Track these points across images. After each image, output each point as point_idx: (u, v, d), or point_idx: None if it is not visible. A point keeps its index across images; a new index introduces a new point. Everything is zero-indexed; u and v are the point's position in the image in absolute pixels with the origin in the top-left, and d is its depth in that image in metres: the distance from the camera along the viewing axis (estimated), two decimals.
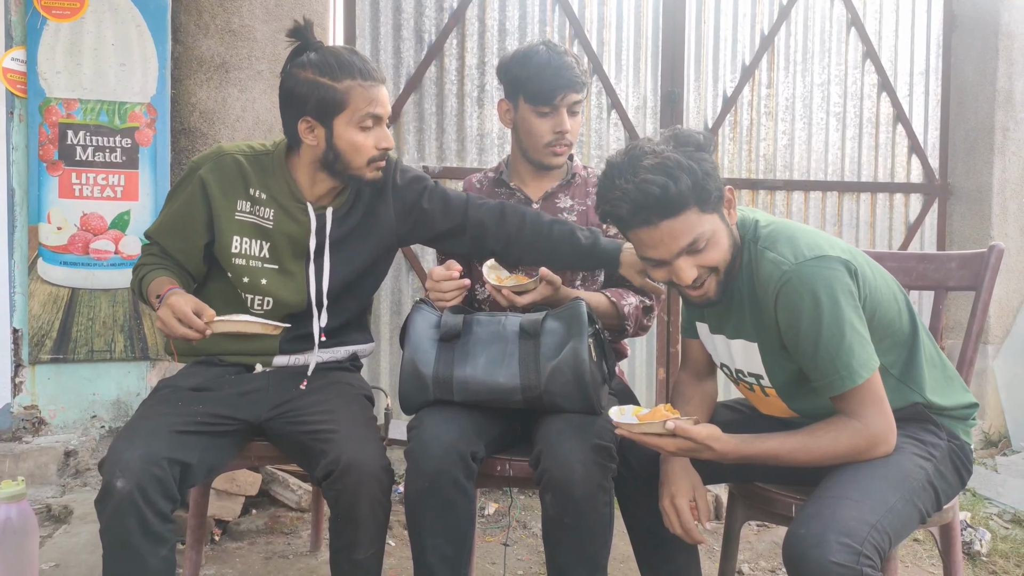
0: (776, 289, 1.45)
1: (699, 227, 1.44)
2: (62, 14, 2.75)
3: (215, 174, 1.77)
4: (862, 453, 1.44)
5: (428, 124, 3.29)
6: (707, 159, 1.44)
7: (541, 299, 1.74)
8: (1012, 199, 3.82)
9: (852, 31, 3.81)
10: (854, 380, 1.43)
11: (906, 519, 1.42)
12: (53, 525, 2.48)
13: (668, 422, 1.41)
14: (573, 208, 1.98)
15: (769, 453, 1.46)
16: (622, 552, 2.56)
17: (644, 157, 1.42)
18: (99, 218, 2.79)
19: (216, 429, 1.67)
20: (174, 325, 1.60)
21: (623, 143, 3.49)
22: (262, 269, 1.78)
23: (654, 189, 1.39)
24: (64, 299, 2.79)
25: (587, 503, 1.56)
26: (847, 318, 1.42)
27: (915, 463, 1.48)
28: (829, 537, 1.30)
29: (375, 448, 1.63)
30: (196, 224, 1.78)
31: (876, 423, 1.44)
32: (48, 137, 2.74)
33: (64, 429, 2.83)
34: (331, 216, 1.80)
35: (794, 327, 1.45)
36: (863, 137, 3.85)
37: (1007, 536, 2.73)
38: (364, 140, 1.71)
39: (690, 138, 1.45)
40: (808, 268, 1.43)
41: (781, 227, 1.53)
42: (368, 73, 1.70)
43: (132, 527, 1.49)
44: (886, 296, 1.54)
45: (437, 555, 1.61)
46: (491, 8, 3.33)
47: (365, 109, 1.69)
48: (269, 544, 2.53)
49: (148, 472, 1.50)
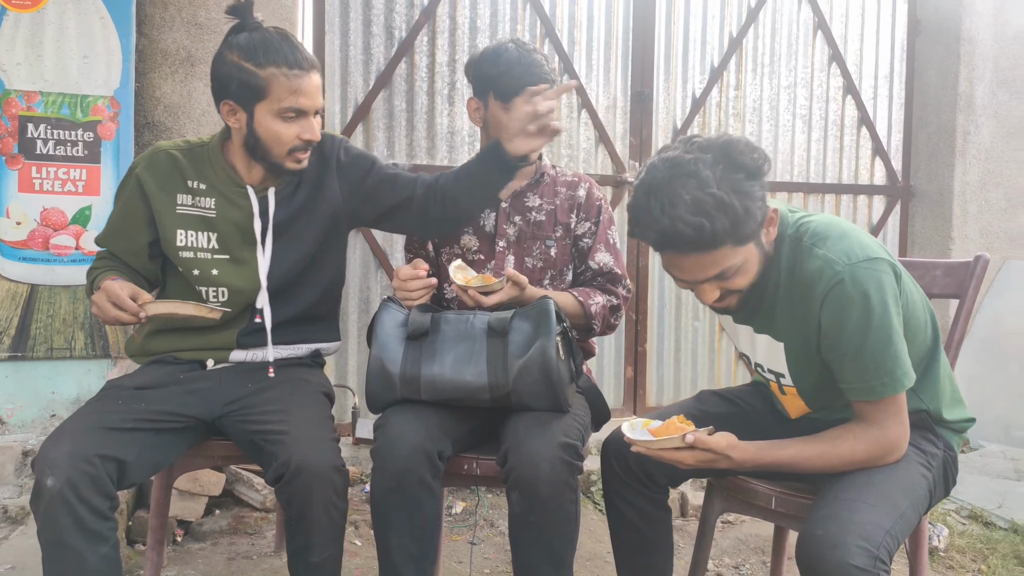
0: (826, 289, 1.41)
1: (730, 260, 1.39)
2: (22, 4, 2.68)
3: (150, 171, 1.77)
4: (877, 460, 1.45)
5: (398, 121, 3.27)
6: (755, 190, 1.36)
7: (508, 299, 1.74)
8: (972, 201, 3.90)
9: (819, 34, 3.86)
10: (895, 388, 1.42)
11: (910, 525, 1.43)
12: (10, 526, 2.43)
13: (688, 435, 1.40)
14: (542, 207, 1.98)
15: (786, 461, 1.45)
16: (589, 550, 2.57)
17: (686, 186, 1.32)
18: (60, 213, 2.74)
19: (159, 426, 1.63)
20: (107, 308, 1.59)
21: (593, 142, 3.51)
22: (212, 260, 1.76)
23: (687, 231, 1.33)
24: (23, 296, 2.73)
25: (553, 501, 1.56)
26: (895, 325, 1.40)
27: (920, 472, 1.49)
28: (848, 540, 1.29)
29: (327, 449, 1.60)
30: (137, 223, 1.77)
31: (895, 432, 1.44)
32: (8, 130, 2.68)
33: (22, 428, 2.77)
34: (273, 197, 1.78)
35: (838, 328, 1.41)
36: (828, 139, 3.91)
37: (964, 531, 2.79)
38: (285, 130, 1.68)
39: (742, 163, 1.35)
40: (862, 270, 1.40)
41: (827, 223, 1.48)
42: (295, 62, 1.65)
43: (66, 525, 1.46)
44: (917, 305, 1.53)
45: (403, 554, 1.61)
46: (462, 6, 3.32)
47: (287, 100, 1.66)
48: (233, 545, 2.50)
49: (78, 469, 1.47)
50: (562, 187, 2.00)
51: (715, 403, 1.78)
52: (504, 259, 1.96)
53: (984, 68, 3.88)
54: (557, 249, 1.96)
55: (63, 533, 1.46)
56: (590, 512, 2.83)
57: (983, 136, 3.91)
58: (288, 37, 1.69)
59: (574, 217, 1.98)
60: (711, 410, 1.73)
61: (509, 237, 1.96)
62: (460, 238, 1.98)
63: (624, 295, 1.97)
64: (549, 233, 1.96)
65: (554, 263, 1.97)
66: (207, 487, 2.56)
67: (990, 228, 3.94)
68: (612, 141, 3.53)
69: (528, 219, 1.97)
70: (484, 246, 1.97)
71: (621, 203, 3.55)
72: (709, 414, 1.70)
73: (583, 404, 1.83)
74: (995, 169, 3.94)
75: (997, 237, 3.95)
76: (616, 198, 3.54)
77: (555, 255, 1.96)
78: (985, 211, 3.93)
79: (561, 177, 2.02)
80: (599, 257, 1.96)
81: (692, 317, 3.74)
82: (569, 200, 1.98)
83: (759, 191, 1.38)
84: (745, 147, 1.37)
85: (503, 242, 1.96)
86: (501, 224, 1.97)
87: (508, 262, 1.95)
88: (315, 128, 1.71)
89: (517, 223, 1.97)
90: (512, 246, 1.96)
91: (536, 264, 1.96)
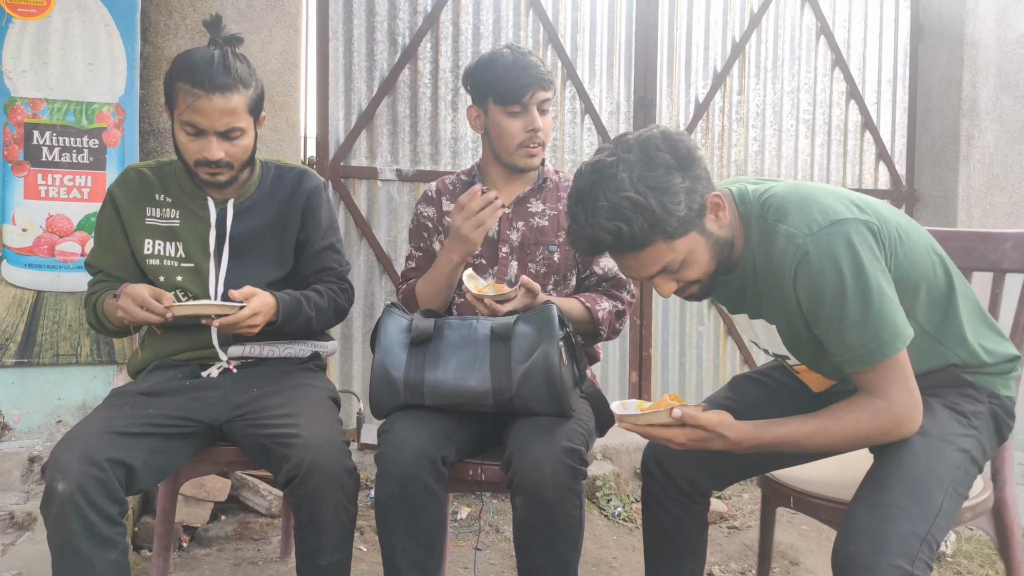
0: (794, 265, 1.35)
1: (668, 255, 1.37)
2: (28, 12, 2.70)
3: (122, 188, 1.86)
4: (887, 435, 1.36)
5: (402, 127, 3.28)
6: (675, 183, 1.34)
7: (521, 307, 1.75)
8: (977, 205, 3.90)
9: (821, 39, 3.86)
10: (885, 353, 1.33)
11: (952, 513, 1.36)
12: (16, 532, 2.43)
13: (675, 410, 1.34)
14: (544, 213, 1.98)
15: (786, 439, 1.38)
16: (594, 556, 2.57)
17: (605, 192, 1.34)
18: (65, 220, 2.75)
19: (167, 431, 1.65)
20: (135, 311, 1.66)
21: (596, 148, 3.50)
22: (177, 268, 1.82)
23: (606, 237, 1.35)
24: (29, 302, 2.74)
25: (558, 506, 1.56)
26: (873, 285, 1.31)
27: (958, 446, 1.39)
28: (882, 560, 1.24)
29: (339, 452, 1.62)
30: (118, 236, 1.85)
31: (901, 401, 1.34)
32: (13, 137, 2.69)
33: (28, 434, 2.77)
34: (231, 209, 1.84)
35: (816, 302, 1.35)
36: (832, 144, 3.91)
37: (971, 537, 2.78)
38: (188, 143, 1.74)
39: (659, 159, 1.34)
40: (824, 237, 1.33)
41: (786, 192, 1.42)
42: (199, 81, 1.68)
43: (76, 530, 1.47)
44: (918, 250, 1.43)
45: (408, 560, 1.60)
46: (465, 12, 3.33)
47: (185, 115, 1.71)
48: (238, 551, 2.50)
49: (88, 473, 1.48)
50: (564, 192, 2.00)
51: (748, 389, 1.71)
52: (507, 265, 1.96)
53: (987, 72, 3.88)
54: (560, 254, 1.97)
55: (73, 538, 1.47)
56: (595, 517, 2.82)
57: (987, 140, 3.90)
58: (219, 59, 1.71)
59: None
60: (744, 399, 1.66)
61: (512, 243, 1.97)
62: None
63: (629, 300, 1.97)
64: (552, 238, 1.96)
65: (557, 268, 1.97)
66: (213, 493, 2.56)
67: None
68: None
69: (531, 224, 1.97)
70: (487, 252, 1.97)
71: None
72: (743, 404, 1.63)
73: (587, 409, 1.83)
74: (999, 173, 3.93)
75: None
76: None
77: (558, 260, 1.96)
78: (990, 215, 3.92)
79: (564, 182, 2.02)
80: (603, 262, 1.97)
81: (696, 322, 3.74)
82: None
83: (684, 182, 1.35)
84: (663, 141, 1.36)
85: (506, 248, 1.97)
86: (504, 230, 1.97)
87: (511, 267, 1.96)
88: (212, 148, 1.72)
89: (520, 228, 1.97)
90: (515, 252, 1.97)
91: (539, 270, 1.96)
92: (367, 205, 3.24)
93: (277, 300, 1.77)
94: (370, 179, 3.23)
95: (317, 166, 3.15)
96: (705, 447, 1.38)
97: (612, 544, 2.69)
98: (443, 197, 2.03)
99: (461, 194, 2.00)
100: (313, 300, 1.85)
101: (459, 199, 1.79)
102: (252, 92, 1.74)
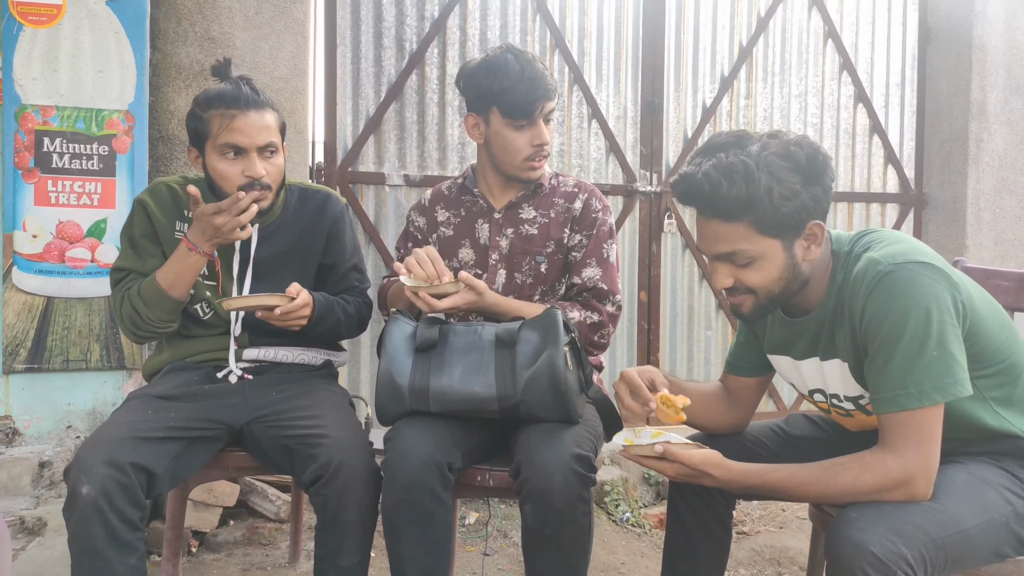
0: (870, 286, 1.32)
1: (744, 243, 1.36)
2: (38, 20, 2.72)
3: (153, 198, 1.87)
4: (884, 494, 1.28)
5: (409, 133, 3.28)
6: (794, 183, 1.34)
7: (464, 304, 1.73)
8: (986, 209, 3.88)
9: (829, 43, 3.85)
10: (920, 400, 1.27)
11: (976, 552, 1.28)
12: (27, 537, 2.44)
13: (657, 446, 1.34)
14: (535, 220, 1.95)
15: (777, 486, 1.35)
16: (603, 561, 2.56)
17: (728, 151, 1.35)
18: (75, 226, 2.77)
19: (190, 435, 1.67)
20: (208, 226, 1.70)
21: (603, 152, 3.51)
22: (202, 284, 1.85)
23: (704, 184, 1.34)
24: (39, 308, 2.75)
25: (567, 513, 1.56)
26: (935, 332, 1.27)
27: (1002, 495, 1.32)
28: (879, 529, 1.20)
29: (365, 453, 1.66)
30: (154, 242, 1.86)
31: (914, 463, 1.27)
32: (24, 144, 2.71)
33: (39, 440, 2.79)
34: (257, 234, 1.85)
35: (876, 327, 1.30)
36: (840, 148, 3.90)
37: None
38: (228, 168, 1.75)
39: (794, 155, 1.34)
40: (908, 269, 1.30)
41: (887, 234, 1.42)
42: (232, 101, 1.73)
43: (99, 534, 1.48)
44: (993, 320, 1.39)
45: (416, 566, 1.61)
46: (472, 18, 3.34)
47: (222, 136, 1.73)
48: (247, 556, 2.51)
49: (112, 478, 1.50)
50: (560, 198, 1.97)
51: (800, 424, 1.69)
52: (496, 273, 1.95)
53: (996, 75, 3.86)
54: (548, 264, 1.93)
55: (95, 542, 1.49)
56: (603, 522, 2.82)
57: (996, 143, 3.88)
58: (244, 83, 1.77)
59: (567, 231, 1.94)
60: (791, 430, 1.65)
61: (501, 250, 1.95)
62: (458, 251, 1.97)
63: (611, 312, 1.91)
64: (540, 249, 1.93)
65: (544, 279, 1.94)
66: (221, 498, 2.57)
67: (1004, 236, 3.92)
68: (623, 151, 3.54)
69: (520, 232, 1.94)
70: (479, 259, 1.96)
71: (632, 213, 3.55)
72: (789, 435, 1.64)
73: (594, 414, 1.82)
74: (1009, 176, 3.91)
75: (1012, 245, 3.93)
76: (627, 208, 3.54)
77: (545, 271, 1.93)
78: (999, 218, 3.90)
79: (561, 188, 1.99)
80: (586, 272, 1.92)
81: (705, 327, 3.73)
82: (564, 213, 1.95)
83: (801, 191, 1.35)
84: (807, 146, 1.36)
85: (495, 255, 1.95)
86: (494, 236, 1.95)
87: (499, 276, 1.95)
88: (256, 166, 1.74)
89: (509, 236, 1.94)
90: (504, 260, 1.95)
91: (526, 280, 1.94)
92: (375, 210, 3.25)
93: (313, 298, 1.81)
94: (378, 184, 3.24)
95: (325, 171, 3.16)
96: (694, 482, 1.40)
97: (620, 549, 2.69)
98: (436, 206, 2.02)
99: (457, 201, 2.00)
100: (342, 306, 1.91)
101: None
102: (279, 116, 1.81)
